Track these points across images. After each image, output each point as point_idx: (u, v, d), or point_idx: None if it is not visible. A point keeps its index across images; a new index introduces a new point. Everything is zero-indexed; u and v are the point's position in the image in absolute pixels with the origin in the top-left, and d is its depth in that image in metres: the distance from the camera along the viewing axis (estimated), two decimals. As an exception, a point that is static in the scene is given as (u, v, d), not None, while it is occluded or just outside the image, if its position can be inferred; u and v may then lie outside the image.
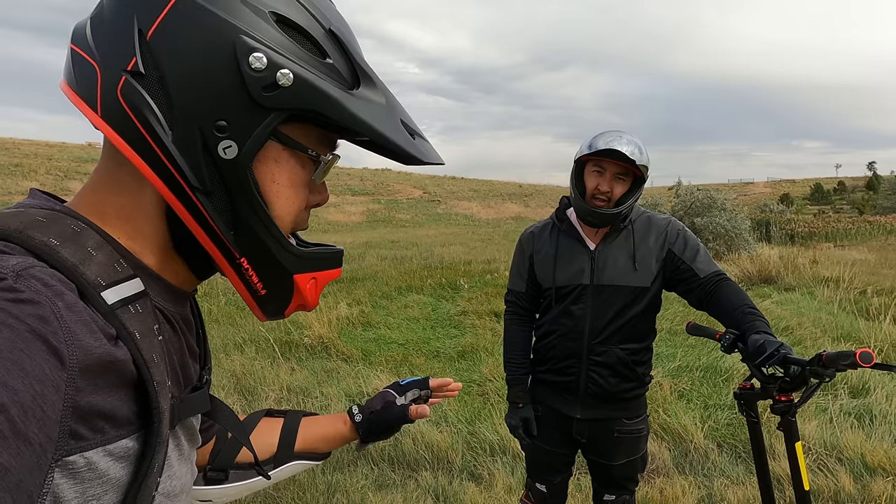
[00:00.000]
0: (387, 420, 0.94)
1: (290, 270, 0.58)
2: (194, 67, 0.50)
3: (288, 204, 0.57)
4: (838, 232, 27.42)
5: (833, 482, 2.95)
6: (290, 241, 0.58)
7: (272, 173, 0.55)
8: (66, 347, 0.41)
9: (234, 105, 0.51)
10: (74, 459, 0.43)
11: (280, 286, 0.59)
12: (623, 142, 1.75)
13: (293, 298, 0.61)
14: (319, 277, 0.62)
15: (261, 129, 0.52)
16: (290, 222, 0.58)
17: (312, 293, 0.61)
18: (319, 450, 0.94)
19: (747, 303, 1.65)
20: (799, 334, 5.75)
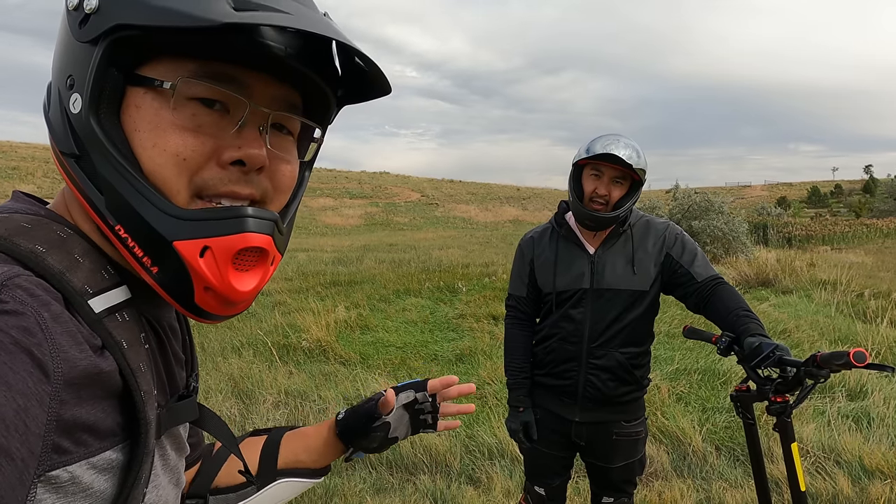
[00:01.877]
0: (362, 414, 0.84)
1: (165, 237, 0.47)
2: (57, 40, 0.51)
3: (157, 153, 0.48)
4: (835, 235, 27.50)
5: (831, 485, 2.96)
6: (170, 201, 0.48)
7: (134, 121, 0.49)
8: (51, 360, 0.40)
9: (71, 55, 0.49)
10: (58, 474, 0.41)
11: (165, 260, 0.48)
12: (620, 146, 1.75)
13: (192, 278, 0.48)
14: (215, 246, 0.48)
15: (91, 69, 0.47)
16: (173, 177, 0.48)
17: (213, 269, 0.48)
18: (306, 463, 0.83)
19: (742, 306, 1.66)
20: (796, 337, 5.76)
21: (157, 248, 0.48)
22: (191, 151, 0.48)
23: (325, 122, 0.61)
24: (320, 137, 0.63)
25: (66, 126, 0.48)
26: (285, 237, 0.56)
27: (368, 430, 0.84)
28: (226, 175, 0.50)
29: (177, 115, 0.48)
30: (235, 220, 0.48)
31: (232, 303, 0.50)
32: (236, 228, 0.48)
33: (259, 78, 0.52)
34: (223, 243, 0.48)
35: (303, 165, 0.62)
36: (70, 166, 0.49)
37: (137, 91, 0.49)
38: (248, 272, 0.50)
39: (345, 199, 48.21)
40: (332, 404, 3.96)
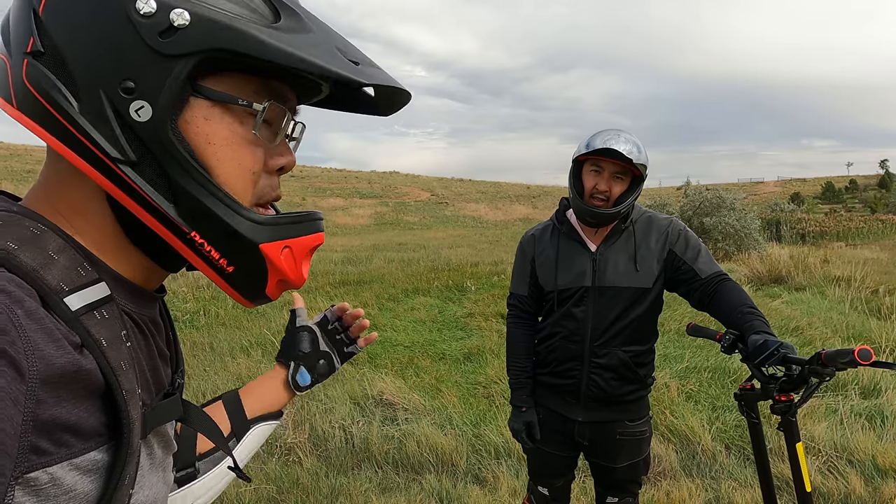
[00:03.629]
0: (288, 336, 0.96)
1: (252, 240, 0.52)
2: (85, 30, 0.47)
3: (233, 166, 0.52)
4: (850, 231, 27.17)
5: (843, 484, 2.91)
6: (247, 207, 0.52)
7: (204, 133, 0.50)
8: (26, 358, 0.39)
9: (134, 61, 0.47)
10: (37, 475, 0.40)
11: (247, 260, 0.53)
12: (621, 140, 1.73)
13: (269, 274, 0.54)
14: (294, 246, 0.55)
15: (170, 81, 0.47)
16: (244, 188, 0.53)
17: (291, 265, 0.55)
18: (272, 406, 0.91)
19: (747, 302, 1.63)
20: (809, 334, 5.68)
21: (241, 251, 0.52)
22: (259, 165, 0.54)
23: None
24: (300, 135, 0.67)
25: (117, 131, 0.47)
26: None
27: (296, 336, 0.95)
28: (273, 181, 0.57)
29: (246, 128, 0.52)
30: (312, 223, 0.56)
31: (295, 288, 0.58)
32: (314, 230, 0.56)
33: (290, 90, 0.57)
34: (302, 243, 0.55)
35: None
36: (126, 173, 0.48)
37: (203, 102, 0.50)
38: (307, 261, 0.58)
39: (355, 199, 48.37)
40: (339, 404, 3.97)
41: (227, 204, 0.51)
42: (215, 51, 0.47)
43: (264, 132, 0.54)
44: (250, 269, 0.53)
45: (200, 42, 0.47)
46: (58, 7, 0.47)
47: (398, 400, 4.08)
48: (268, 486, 2.95)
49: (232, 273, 0.53)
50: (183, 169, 0.49)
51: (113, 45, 0.47)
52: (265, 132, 0.55)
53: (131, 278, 0.55)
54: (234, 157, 0.52)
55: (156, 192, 0.49)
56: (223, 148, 0.51)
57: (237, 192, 0.52)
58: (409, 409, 3.98)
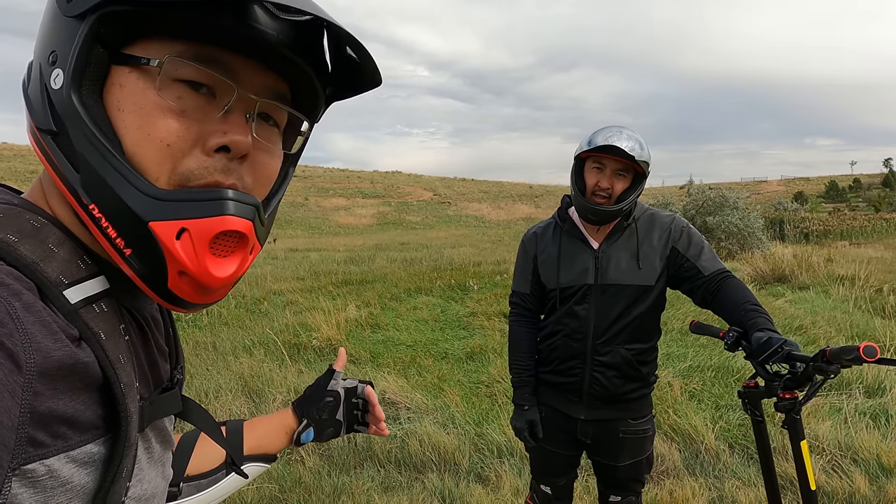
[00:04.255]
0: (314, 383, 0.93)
1: (141, 217, 0.46)
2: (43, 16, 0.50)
3: (141, 135, 0.47)
4: (854, 230, 27.08)
5: (848, 483, 2.89)
6: (147, 181, 0.47)
7: (117, 100, 0.47)
8: (23, 350, 0.39)
9: (55, 31, 0.48)
10: (34, 467, 0.40)
11: (140, 241, 0.47)
12: (623, 137, 1.72)
13: (167, 263, 0.47)
14: (192, 228, 0.46)
15: (75, 44, 0.46)
16: (156, 161, 0.47)
17: (189, 252, 0.47)
18: (267, 449, 0.89)
19: (750, 300, 1.61)
20: (813, 333, 5.66)
21: (132, 228, 0.46)
22: (175, 138, 0.47)
23: (312, 116, 0.60)
24: (307, 131, 0.62)
25: (45, 102, 0.47)
26: (265, 229, 0.55)
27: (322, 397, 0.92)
28: (211, 164, 0.49)
29: (162, 95, 0.47)
30: (216, 203, 0.47)
31: (208, 289, 0.49)
32: (216, 211, 0.47)
33: (248, 64, 0.51)
34: (202, 226, 0.46)
35: (287, 159, 0.61)
36: (47, 143, 0.48)
37: (122, 70, 0.48)
38: (226, 258, 0.49)
39: (357, 199, 48.41)
40: (341, 403, 3.96)
41: (121, 173, 0.46)
42: (102, 3, 0.45)
43: (193, 101, 0.49)
44: (145, 252, 0.47)
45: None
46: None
47: (401, 399, 4.08)
48: (270, 486, 2.95)
49: (129, 256, 0.47)
50: (86, 137, 0.46)
51: (46, 20, 0.49)
52: (195, 102, 0.49)
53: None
54: (141, 126, 0.47)
55: (66, 161, 0.47)
56: (131, 115, 0.47)
57: (146, 165, 0.47)
58: (412, 409, 3.98)
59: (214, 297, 0.52)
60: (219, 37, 0.48)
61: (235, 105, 0.50)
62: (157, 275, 0.48)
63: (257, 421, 0.90)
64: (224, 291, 0.52)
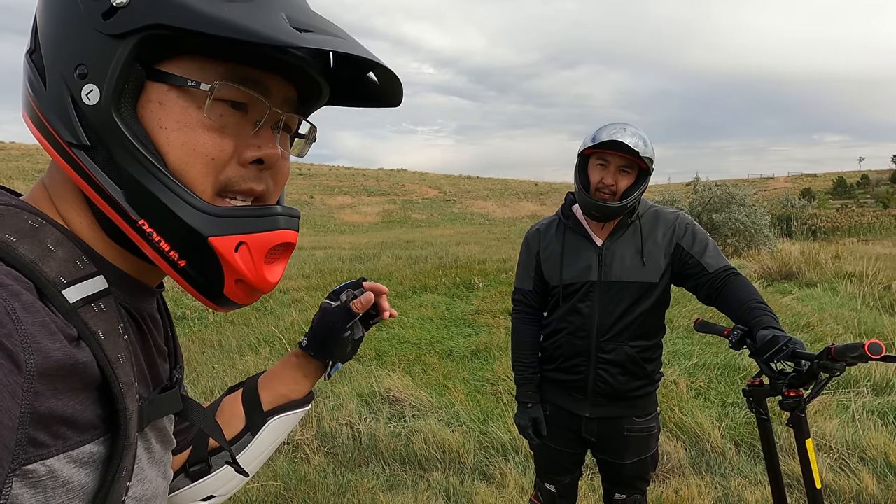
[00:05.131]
0: (328, 324, 0.82)
1: (200, 232, 0.49)
2: (52, 20, 0.49)
3: (185, 151, 0.49)
4: (862, 226, 26.88)
5: (855, 482, 2.87)
6: (198, 196, 0.49)
7: (158, 118, 0.49)
8: (23, 351, 0.39)
9: (85, 45, 0.47)
10: (35, 468, 0.40)
11: (197, 254, 0.50)
12: (627, 134, 1.71)
13: (224, 272, 0.51)
14: (251, 242, 0.51)
15: (115, 63, 0.46)
16: (201, 176, 0.50)
17: (248, 264, 0.51)
18: (290, 397, 0.83)
19: (755, 297, 1.60)
20: (820, 331, 5.62)
21: (191, 243, 0.49)
22: (219, 152, 0.50)
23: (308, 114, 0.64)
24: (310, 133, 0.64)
25: (73, 116, 0.47)
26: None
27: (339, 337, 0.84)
28: (246, 173, 0.53)
29: (209, 115, 0.50)
30: (270, 219, 0.52)
31: (259, 292, 0.54)
32: (272, 226, 0.52)
33: (274, 79, 0.55)
34: (259, 239, 0.51)
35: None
36: (80, 158, 0.48)
37: (159, 87, 0.49)
38: (275, 263, 0.55)
39: (363, 197, 48.49)
40: (346, 400, 3.97)
41: (174, 191, 0.48)
42: (154, 27, 0.46)
43: (231, 119, 0.52)
44: (203, 264, 0.50)
45: (139, 19, 0.46)
46: (41, 2, 0.50)
47: (405, 397, 4.08)
48: (275, 483, 2.96)
49: (184, 268, 0.50)
50: (129, 153, 0.47)
51: (68, 31, 0.48)
52: (233, 119, 0.52)
53: (130, 273, 0.55)
54: (186, 142, 0.49)
55: (105, 176, 0.48)
56: (174, 132, 0.49)
57: (192, 179, 0.50)
58: (417, 406, 3.98)
59: (259, 296, 0.56)
60: (256, 59, 0.52)
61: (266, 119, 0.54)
62: (214, 283, 0.51)
63: (272, 375, 0.85)
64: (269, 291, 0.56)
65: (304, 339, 0.85)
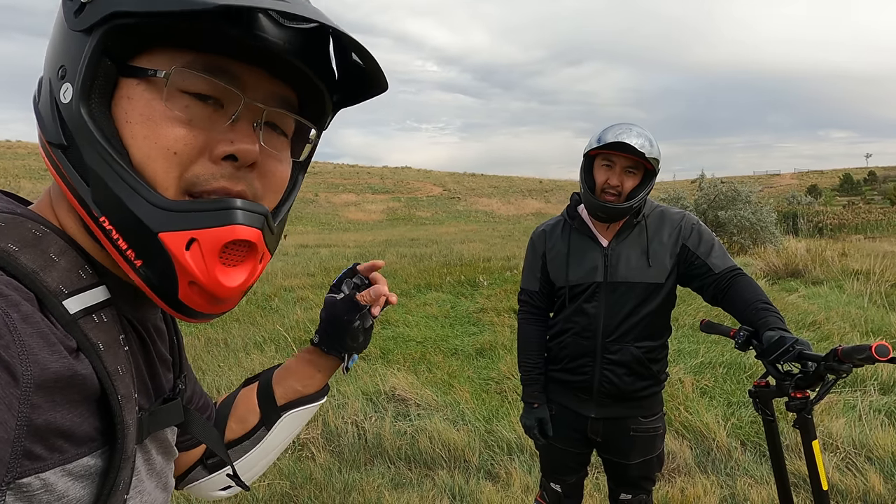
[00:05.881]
0: (334, 318, 0.80)
1: (150, 228, 0.46)
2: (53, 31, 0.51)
3: (148, 145, 0.47)
4: (869, 223, 26.70)
5: (862, 482, 2.86)
6: (155, 191, 0.47)
7: (125, 112, 0.48)
8: (20, 362, 0.38)
9: (64, 46, 0.48)
10: (29, 481, 0.40)
11: (150, 252, 0.47)
12: (633, 134, 1.70)
13: (177, 273, 0.47)
14: (202, 239, 0.47)
15: (83, 58, 0.46)
16: (163, 170, 0.47)
17: (199, 263, 0.47)
18: (304, 392, 0.82)
19: (762, 298, 1.60)
20: (827, 329, 5.59)
21: (143, 240, 0.46)
22: (182, 145, 0.47)
23: (320, 123, 0.60)
24: (315, 138, 0.62)
25: (55, 116, 0.48)
26: (275, 237, 0.55)
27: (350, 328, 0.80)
28: (217, 170, 0.49)
29: (169, 106, 0.47)
30: (224, 212, 0.47)
31: (218, 299, 0.49)
32: (224, 220, 0.47)
33: (254, 72, 0.51)
34: (210, 235, 0.46)
35: (296, 166, 0.61)
36: (57, 157, 0.48)
37: (130, 82, 0.48)
38: (236, 267, 0.49)
39: (367, 195, 48.52)
40: (351, 399, 3.98)
41: (131, 186, 0.46)
42: (114, 16, 0.45)
43: (200, 111, 0.49)
44: (156, 263, 0.47)
45: (101, 10, 0.46)
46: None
47: (410, 395, 4.09)
48: (281, 482, 2.97)
49: (140, 268, 0.48)
50: (96, 151, 0.46)
51: (55, 33, 0.50)
52: (202, 111, 0.49)
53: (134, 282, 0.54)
54: (147, 135, 0.47)
55: (76, 174, 0.47)
56: (138, 125, 0.47)
57: (154, 175, 0.47)
58: (422, 405, 3.99)
59: (225, 307, 0.52)
60: (225, 47, 0.49)
61: (243, 114, 0.50)
62: (167, 285, 0.48)
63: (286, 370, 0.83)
64: (235, 301, 0.52)
65: (316, 335, 0.84)
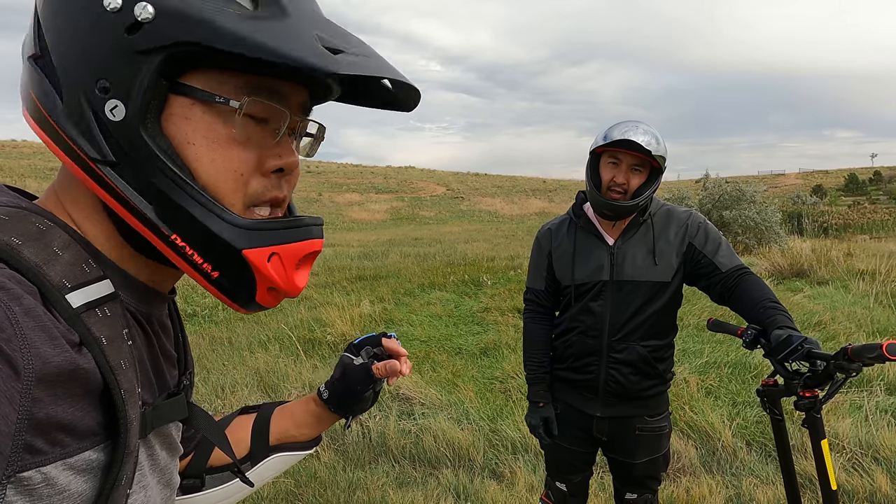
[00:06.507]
0: (349, 384, 0.82)
1: (234, 246, 0.49)
2: (66, 30, 0.47)
3: (215, 167, 0.49)
4: (874, 223, 26.58)
5: (868, 482, 2.85)
6: (231, 211, 0.50)
7: (185, 133, 0.48)
8: (22, 356, 0.38)
9: (106, 59, 0.46)
10: (30, 475, 0.40)
11: (231, 266, 0.50)
12: (639, 132, 1.70)
13: (257, 281, 0.51)
14: (282, 252, 0.51)
15: (140, 79, 0.45)
16: (231, 190, 0.50)
17: (280, 273, 0.51)
18: (298, 438, 0.84)
19: (769, 297, 1.59)
20: (832, 329, 5.57)
21: (224, 256, 0.49)
22: (245, 166, 0.51)
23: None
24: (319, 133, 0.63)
25: (96, 132, 0.46)
26: None
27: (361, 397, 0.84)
28: (268, 183, 0.53)
29: (237, 131, 0.50)
30: (302, 230, 0.53)
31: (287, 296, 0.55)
32: (303, 236, 0.53)
33: (289, 86, 0.54)
34: (290, 249, 0.52)
35: None
36: (105, 174, 0.47)
37: (183, 101, 0.48)
38: (303, 269, 0.55)
39: (371, 195, 48.55)
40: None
41: (206, 206, 0.48)
42: (182, 44, 0.45)
43: (254, 131, 0.51)
44: (236, 274, 0.51)
45: (166, 36, 0.45)
46: (48, 8, 0.48)
47: (415, 394, 4.09)
48: (286, 480, 2.98)
49: (217, 278, 0.51)
50: (158, 169, 0.47)
51: (88, 44, 0.46)
52: (255, 131, 0.52)
53: (140, 277, 0.54)
54: (215, 158, 0.49)
55: (135, 192, 0.48)
56: (202, 148, 0.49)
57: (222, 194, 0.50)
58: (426, 404, 3.99)
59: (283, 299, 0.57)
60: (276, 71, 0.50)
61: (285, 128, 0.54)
62: (246, 292, 0.52)
63: (287, 412, 0.85)
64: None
65: (325, 390, 0.85)
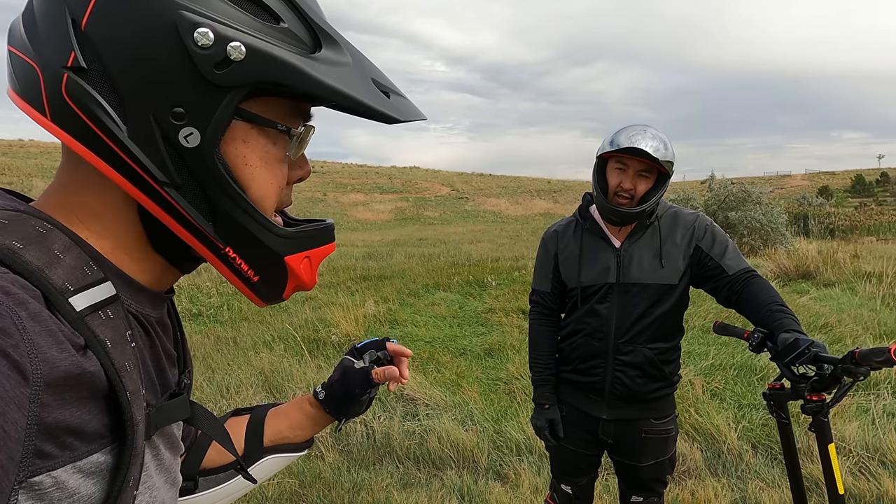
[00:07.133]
0: (347, 387, 0.84)
1: (280, 254, 0.55)
2: (137, 54, 0.46)
3: (265, 185, 0.54)
4: (881, 225, 26.44)
5: (875, 486, 2.84)
6: (276, 223, 0.55)
7: (243, 155, 0.52)
8: (30, 361, 0.38)
9: (187, 89, 0.47)
10: (41, 479, 0.40)
11: (272, 271, 0.56)
12: (647, 137, 1.69)
13: (288, 280, 0.58)
14: (313, 255, 0.59)
15: (221, 110, 0.48)
16: (272, 203, 0.56)
17: (308, 273, 0.59)
18: (292, 440, 0.85)
19: (776, 300, 1.58)
20: (838, 331, 5.54)
21: (269, 263, 0.55)
22: (283, 181, 0.57)
23: None
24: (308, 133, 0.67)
25: (168, 157, 0.48)
26: None
27: (357, 400, 0.86)
28: (288, 190, 0.60)
29: (291, 153, 0.56)
30: (329, 234, 0.60)
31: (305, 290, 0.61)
32: (329, 239, 0.60)
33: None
34: (319, 252, 0.59)
35: None
36: (171, 195, 0.49)
37: (244, 126, 0.51)
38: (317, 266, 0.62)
39: (375, 195, 48.61)
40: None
41: (258, 221, 0.53)
42: (265, 83, 0.49)
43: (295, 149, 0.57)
44: (273, 277, 0.57)
45: (252, 75, 0.48)
46: (108, 26, 0.46)
47: (419, 395, 4.09)
48: (290, 481, 2.98)
49: (256, 282, 0.56)
50: (223, 190, 0.51)
51: (167, 72, 0.47)
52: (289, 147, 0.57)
53: (141, 280, 0.54)
54: (267, 177, 0.54)
55: (197, 212, 0.51)
56: (258, 169, 0.53)
57: (267, 207, 0.55)
58: (431, 405, 3.99)
59: None
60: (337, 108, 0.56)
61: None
62: (275, 291, 0.58)
63: (281, 413, 0.86)
64: None
65: (322, 391, 0.86)
